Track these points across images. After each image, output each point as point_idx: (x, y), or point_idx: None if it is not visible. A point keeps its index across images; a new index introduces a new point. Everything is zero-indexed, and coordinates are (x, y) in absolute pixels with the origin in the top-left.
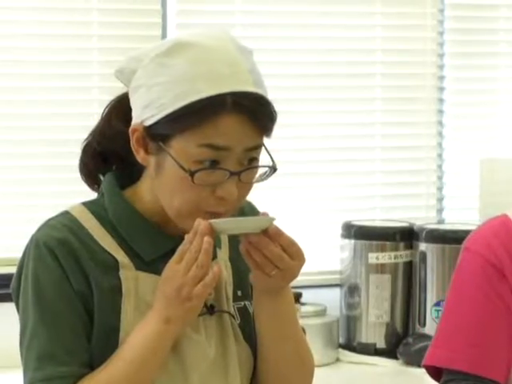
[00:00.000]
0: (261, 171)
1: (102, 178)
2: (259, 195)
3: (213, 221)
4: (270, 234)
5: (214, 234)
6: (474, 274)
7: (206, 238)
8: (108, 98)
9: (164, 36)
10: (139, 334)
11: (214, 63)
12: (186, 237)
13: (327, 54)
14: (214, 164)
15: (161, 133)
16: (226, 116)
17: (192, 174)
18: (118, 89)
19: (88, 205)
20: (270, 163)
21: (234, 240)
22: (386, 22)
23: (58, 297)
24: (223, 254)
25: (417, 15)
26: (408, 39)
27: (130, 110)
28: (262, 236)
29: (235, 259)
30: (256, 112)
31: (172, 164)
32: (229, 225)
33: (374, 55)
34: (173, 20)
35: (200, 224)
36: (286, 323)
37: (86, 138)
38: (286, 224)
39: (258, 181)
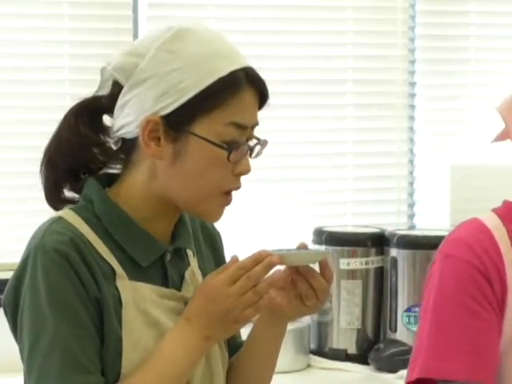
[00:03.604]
0: None
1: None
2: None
3: (280, 253)
4: (323, 266)
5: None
6: (460, 281)
7: (279, 272)
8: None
9: (135, 29)
10: (177, 348)
11: (217, 43)
12: (241, 261)
13: (298, 60)
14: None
15: (183, 118)
16: (246, 91)
17: (230, 150)
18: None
19: (77, 211)
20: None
21: (199, 247)
22: (357, 28)
23: (77, 302)
24: (193, 262)
25: (388, 22)
26: (379, 45)
27: (94, 115)
28: (312, 267)
29: (202, 267)
30: (263, 86)
31: (199, 147)
32: (294, 257)
33: (345, 61)
34: (144, 13)
35: (267, 255)
36: (279, 346)
37: (48, 153)
38: (257, 229)
39: (253, 158)
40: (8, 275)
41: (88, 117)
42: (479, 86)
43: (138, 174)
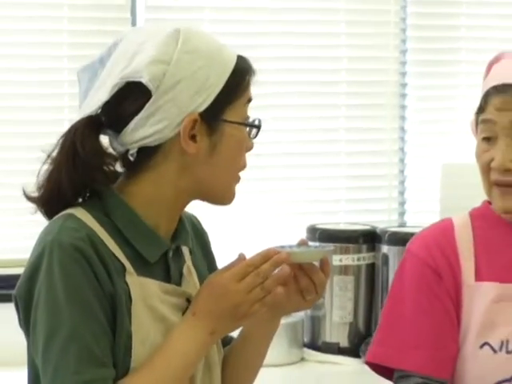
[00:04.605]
0: None
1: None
2: None
3: (288, 251)
4: (323, 263)
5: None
6: (413, 275)
7: (286, 268)
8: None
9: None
10: (185, 342)
11: (212, 37)
12: (250, 259)
13: (292, 61)
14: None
15: (217, 110)
16: (249, 73)
17: (258, 127)
18: None
19: (87, 208)
20: None
21: (192, 245)
22: (350, 30)
23: (93, 298)
24: (188, 259)
25: (380, 24)
26: (371, 47)
27: (99, 128)
28: (314, 264)
29: (195, 264)
30: (252, 66)
31: (233, 132)
32: (300, 255)
33: (338, 63)
34: (142, 15)
35: (275, 253)
36: (271, 339)
37: (65, 165)
38: (252, 227)
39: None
40: (12, 271)
41: (96, 133)
42: (468, 87)
43: (160, 175)
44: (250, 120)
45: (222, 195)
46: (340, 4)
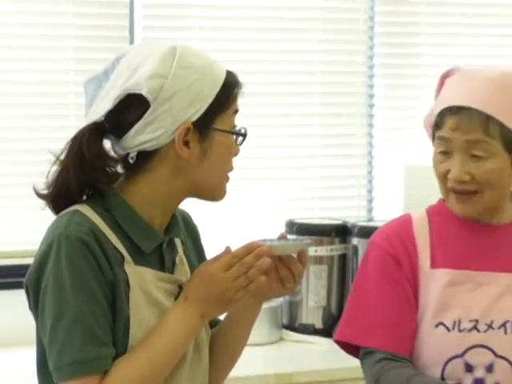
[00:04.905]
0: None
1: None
2: None
3: (270, 244)
4: (300, 254)
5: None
6: (376, 264)
7: (267, 260)
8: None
9: (131, 37)
10: (178, 324)
11: (203, 53)
12: (235, 251)
13: (274, 75)
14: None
15: (208, 119)
16: (237, 86)
17: (244, 135)
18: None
19: (91, 205)
20: None
21: (183, 238)
22: (324, 47)
23: (95, 285)
24: (180, 250)
25: (350, 42)
26: (342, 63)
27: (103, 134)
28: (292, 256)
29: (186, 254)
30: (239, 80)
31: (222, 139)
32: (280, 248)
33: (313, 76)
34: (139, 23)
35: (258, 246)
36: (254, 322)
37: (72, 166)
38: (238, 222)
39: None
40: (22, 261)
41: (100, 137)
42: (428, 98)
43: (156, 177)
44: (237, 129)
45: (213, 193)
46: (315, 24)
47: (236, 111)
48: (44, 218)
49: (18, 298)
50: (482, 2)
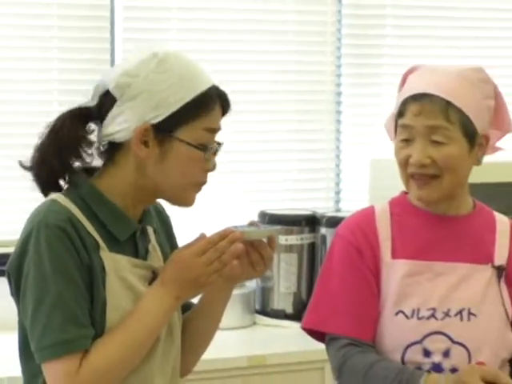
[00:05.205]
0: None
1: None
2: None
3: (241, 230)
4: (270, 239)
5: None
6: (340, 254)
7: (239, 245)
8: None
9: (112, 48)
10: (155, 306)
11: (192, 64)
12: (209, 237)
13: (247, 74)
14: (210, 143)
15: (170, 126)
16: (217, 104)
17: (206, 151)
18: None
19: (67, 195)
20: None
21: (156, 226)
22: (295, 48)
23: (74, 270)
24: (153, 238)
25: (319, 44)
26: (313, 63)
27: (85, 121)
28: (263, 241)
29: (158, 242)
30: (228, 99)
31: (182, 149)
32: (252, 233)
33: (285, 76)
34: (119, 35)
35: (231, 232)
36: (226, 305)
37: (42, 149)
38: (214, 212)
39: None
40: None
41: (81, 121)
42: (391, 96)
43: (122, 170)
44: (211, 147)
45: (177, 200)
46: (287, 27)
47: (213, 130)
48: (27, 209)
49: (0, 286)
50: (441, 5)
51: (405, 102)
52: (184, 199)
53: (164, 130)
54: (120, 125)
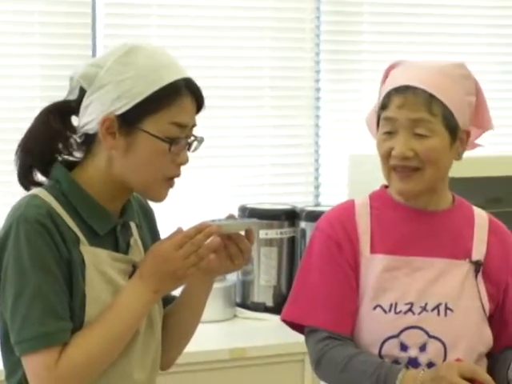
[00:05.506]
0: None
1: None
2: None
3: (218, 223)
4: (248, 232)
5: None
6: (319, 248)
7: (216, 239)
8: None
9: (94, 44)
10: (133, 299)
11: (162, 56)
12: (186, 231)
13: (228, 70)
14: (180, 137)
15: (134, 117)
16: (185, 97)
17: (171, 144)
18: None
19: (48, 190)
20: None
21: (138, 221)
22: (274, 44)
23: (53, 263)
24: (135, 232)
25: (298, 40)
26: (292, 59)
27: (64, 115)
28: (240, 234)
29: (141, 236)
30: (200, 93)
31: (147, 141)
32: (229, 227)
33: (263, 71)
34: (101, 31)
35: (207, 226)
36: (207, 298)
37: (23, 142)
38: (193, 207)
39: (192, 151)
40: None
41: (59, 116)
42: (370, 91)
43: (97, 162)
44: (179, 141)
45: (146, 194)
46: (265, 23)
47: (180, 124)
48: (8, 203)
49: None
50: (419, 3)
51: (388, 95)
52: (154, 193)
53: (129, 121)
54: (90, 115)
